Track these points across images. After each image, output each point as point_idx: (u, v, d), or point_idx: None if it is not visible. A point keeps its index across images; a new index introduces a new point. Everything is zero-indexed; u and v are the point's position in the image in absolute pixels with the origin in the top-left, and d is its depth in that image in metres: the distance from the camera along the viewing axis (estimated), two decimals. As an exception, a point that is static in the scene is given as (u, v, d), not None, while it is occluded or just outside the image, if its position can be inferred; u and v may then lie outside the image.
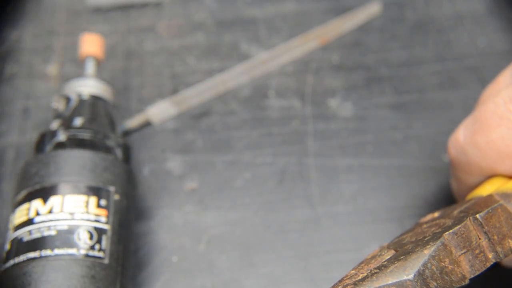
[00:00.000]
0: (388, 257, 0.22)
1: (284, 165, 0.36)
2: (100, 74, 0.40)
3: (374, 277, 0.20)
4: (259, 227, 0.33)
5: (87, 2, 0.44)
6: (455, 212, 0.23)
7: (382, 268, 0.20)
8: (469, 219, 0.21)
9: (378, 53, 0.42)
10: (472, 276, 0.20)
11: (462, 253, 0.20)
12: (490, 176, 0.26)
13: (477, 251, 0.21)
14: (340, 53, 0.42)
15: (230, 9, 0.44)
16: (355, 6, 0.44)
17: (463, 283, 0.20)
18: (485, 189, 0.25)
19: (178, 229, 0.33)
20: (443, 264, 0.20)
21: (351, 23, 0.43)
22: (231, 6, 0.45)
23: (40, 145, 0.30)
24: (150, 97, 0.39)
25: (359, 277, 0.21)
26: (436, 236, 0.21)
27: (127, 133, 0.37)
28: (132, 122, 0.37)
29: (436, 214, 0.26)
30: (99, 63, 0.35)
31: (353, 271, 0.22)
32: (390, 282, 0.19)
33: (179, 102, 0.38)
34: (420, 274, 0.19)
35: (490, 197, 0.23)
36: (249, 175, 0.35)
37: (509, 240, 0.21)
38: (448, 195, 0.34)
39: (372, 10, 0.44)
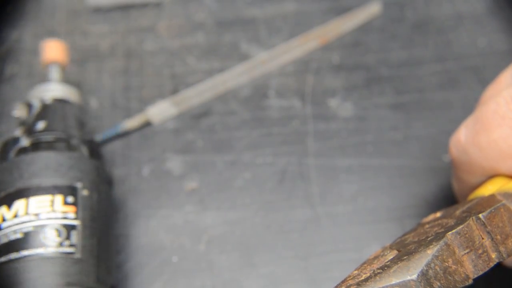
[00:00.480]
0: (391, 257, 0.22)
1: (284, 165, 0.36)
2: (99, 75, 0.40)
3: (378, 277, 0.19)
4: (259, 227, 0.33)
5: (87, 2, 0.44)
6: (458, 212, 0.23)
7: (385, 268, 0.20)
8: (472, 219, 0.21)
9: (378, 53, 0.42)
10: (476, 276, 0.20)
11: (465, 253, 0.20)
12: (492, 176, 0.26)
13: (480, 251, 0.21)
14: (340, 53, 0.42)
15: (230, 9, 0.44)
16: (355, 6, 0.44)
17: (467, 283, 0.20)
18: (487, 189, 0.25)
19: (178, 229, 0.33)
20: (447, 264, 0.20)
21: (351, 23, 0.43)
22: (231, 6, 0.45)
23: (3, 154, 0.30)
24: (150, 97, 0.39)
25: (362, 278, 0.20)
26: (439, 236, 0.21)
27: (127, 133, 0.37)
28: (132, 122, 0.37)
29: (438, 214, 0.26)
30: (64, 68, 0.36)
31: (355, 272, 0.22)
32: (393, 282, 0.19)
33: (179, 102, 0.38)
34: (423, 274, 0.19)
35: (492, 197, 0.23)
36: (249, 175, 0.35)
37: None
38: (449, 195, 0.34)
39: (372, 10, 0.44)
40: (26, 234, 0.26)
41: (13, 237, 0.26)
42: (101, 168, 0.30)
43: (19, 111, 0.33)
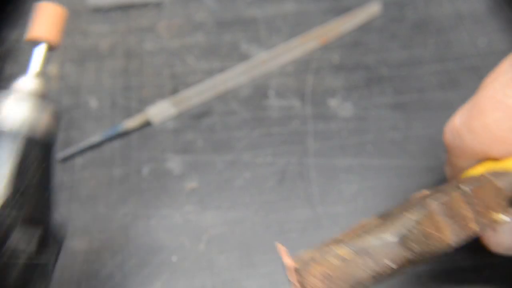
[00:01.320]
0: (376, 222, 0.22)
1: (284, 165, 0.36)
2: (98, 75, 0.40)
3: (357, 238, 0.20)
4: (259, 227, 0.33)
5: (87, 2, 0.44)
6: (446, 187, 0.24)
7: (367, 230, 0.20)
8: (458, 190, 0.21)
9: (378, 53, 0.42)
10: (454, 243, 0.21)
11: (446, 221, 0.21)
12: (483, 160, 0.27)
13: (461, 221, 0.21)
14: (340, 53, 0.42)
15: (230, 9, 0.44)
16: (355, 6, 0.44)
17: (445, 249, 0.21)
18: (477, 170, 0.26)
19: (178, 229, 0.33)
20: (427, 230, 0.20)
21: (351, 23, 0.43)
22: (231, 6, 0.45)
23: None
24: (150, 97, 0.39)
25: (343, 237, 0.21)
26: (422, 204, 0.21)
27: (127, 133, 0.37)
28: (132, 122, 0.37)
29: (428, 192, 0.26)
30: (52, 49, 0.25)
31: (339, 236, 0.22)
32: (372, 243, 0.19)
33: (179, 102, 0.38)
34: (403, 237, 0.20)
35: (481, 176, 0.24)
36: (249, 175, 0.35)
37: (493, 213, 0.22)
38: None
39: (372, 10, 0.44)
40: None
41: None
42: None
43: None
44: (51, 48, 0.24)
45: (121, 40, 0.43)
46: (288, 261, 0.20)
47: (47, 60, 0.25)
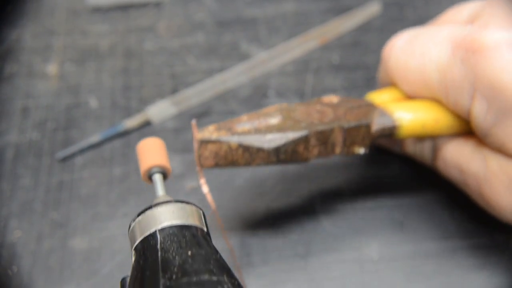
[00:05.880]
0: (274, 121, 0.27)
1: (284, 165, 0.36)
2: (98, 74, 0.40)
3: (248, 135, 0.26)
4: (259, 227, 0.33)
5: (87, 2, 0.44)
6: (342, 109, 0.28)
7: (260, 131, 0.26)
8: (338, 126, 0.27)
9: (378, 53, 0.41)
10: (314, 159, 0.27)
11: (317, 144, 0.27)
12: (392, 85, 0.31)
13: (330, 146, 0.27)
14: (340, 53, 0.42)
15: (230, 9, 0.45)
16: (355, 6, 0.44)
17: (305, 162, 0.27)
18: (380, 96, 0.31)
19: (178, 229, 0.33)
20: (297, 148, 0.26)
21: (351, 23, 0.43)
22: (231, 6, 0.45)
23: None
24: (150, 97, 0.39)
25: (240, 130, 0.26)
26: (307, 127, 0.27)
27: (127, 133, 0.37)
28: (132, 122, 0.37)
29: (335, 100, 0.30)
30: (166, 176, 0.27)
31: (245, 117, 0.27)
32: (254, 144, 0.26)
33: (179, 102, 0.38)
34: (277, 148, 0.26)
35: (372, 108, 0.29)
36: (249, 175, 0.35)
37: (356, 147, 0.28)
38: (449, 195, 0.34)
39: (371, 10, 0.44)
40: None
41: None
42: None
43: None
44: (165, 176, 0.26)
45: (121, 40, 0.43)
46: (196, 134, 0.26)
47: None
